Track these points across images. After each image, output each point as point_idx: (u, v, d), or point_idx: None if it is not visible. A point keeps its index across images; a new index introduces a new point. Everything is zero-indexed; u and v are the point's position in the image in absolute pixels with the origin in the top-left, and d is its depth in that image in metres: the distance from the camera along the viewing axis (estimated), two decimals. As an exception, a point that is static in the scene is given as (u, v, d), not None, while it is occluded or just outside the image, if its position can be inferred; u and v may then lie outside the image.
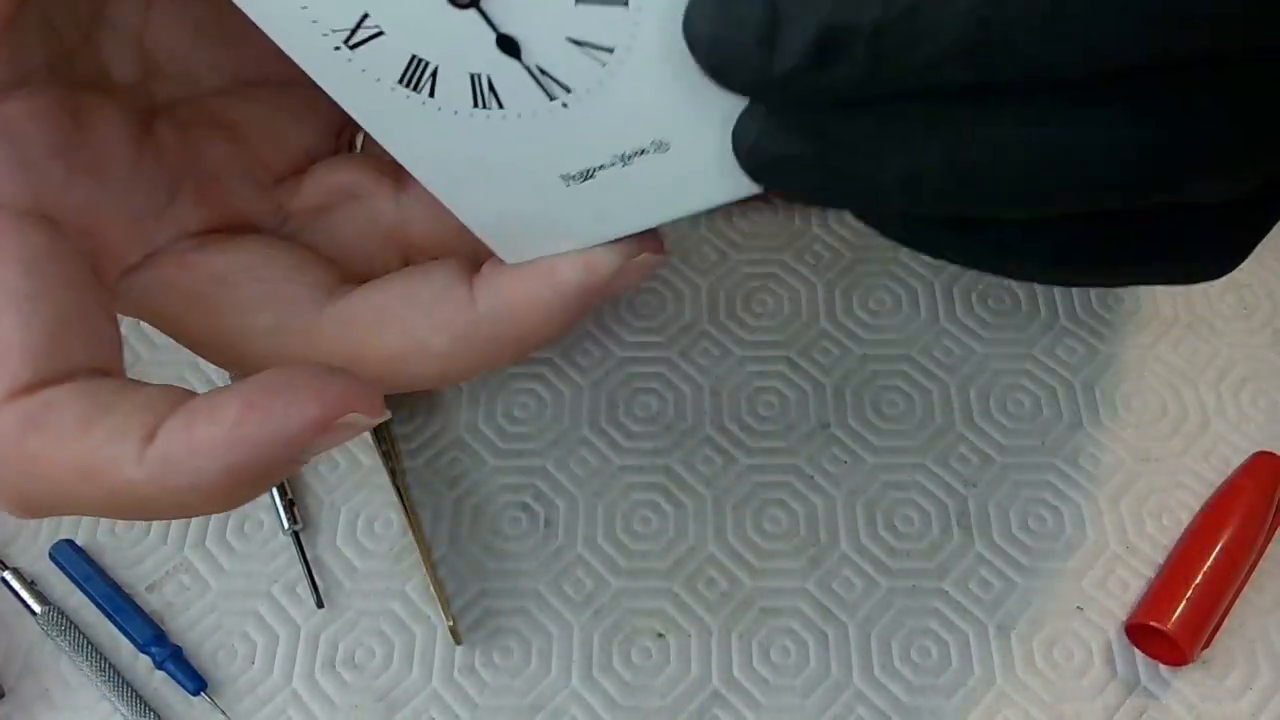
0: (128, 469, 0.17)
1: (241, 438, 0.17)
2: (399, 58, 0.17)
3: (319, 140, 0.25)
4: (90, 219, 0.20)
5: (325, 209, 0.24)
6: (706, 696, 0.26)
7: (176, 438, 0.17)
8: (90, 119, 0.20)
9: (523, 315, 0.22)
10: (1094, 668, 0.27)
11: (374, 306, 0.22)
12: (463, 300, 0.22)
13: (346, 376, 0.18)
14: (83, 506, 0.18)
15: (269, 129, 0.24)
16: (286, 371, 0.18)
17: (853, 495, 0.29)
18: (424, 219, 0.24)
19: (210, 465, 0.17)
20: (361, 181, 0.24)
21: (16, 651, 0.27)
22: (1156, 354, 0.31)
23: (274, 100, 0.24)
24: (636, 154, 0.19)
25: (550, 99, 0.18)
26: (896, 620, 0.27)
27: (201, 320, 0.22)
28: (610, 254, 0.21)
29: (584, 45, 0.17)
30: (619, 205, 0.20)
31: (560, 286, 0.21)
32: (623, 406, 0.30)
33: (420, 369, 0.22)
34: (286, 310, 0.22)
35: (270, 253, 0.23)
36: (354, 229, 0.24)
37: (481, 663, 0.27)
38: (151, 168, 0.21)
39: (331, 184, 0.24)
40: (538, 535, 0.28)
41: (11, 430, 0.17)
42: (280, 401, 0.17)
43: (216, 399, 0.18)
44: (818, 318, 0.32)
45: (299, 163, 0.25)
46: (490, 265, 0.23)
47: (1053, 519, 0.29)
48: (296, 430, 0.17)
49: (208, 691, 0.26)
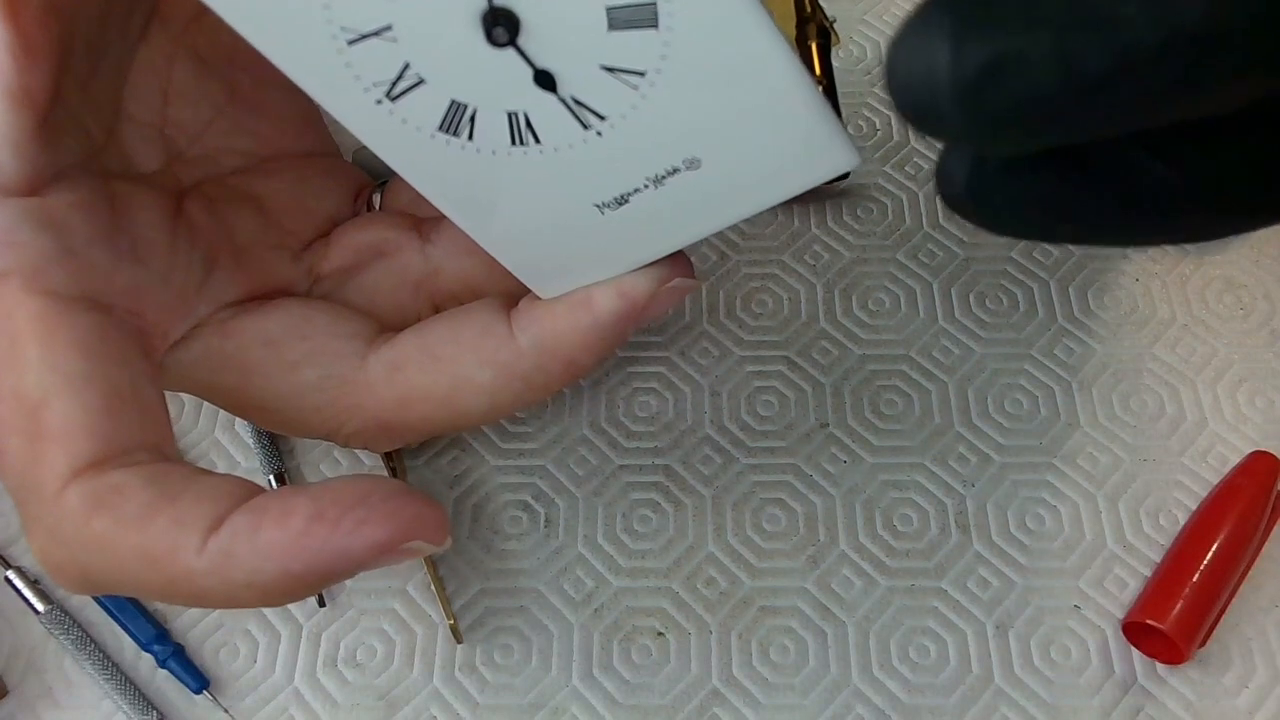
0: (189, 558, 0.17)
1: (305, 547, 0.17)
2: (439, 104, 0.17)
3: (339, 204, 0.26)
4: (136, 300, 0.20)
5: (355, 268, 0.24)
6: (706, 695, 0.26)
7: (242, 535, 0.17)
8: (127, 205, 0.21)
9: (564, 346, 0.22)
10: (1091, 666, 0.27)
11: (420, 349, 0.23)
12: (504, 335, 0.22)
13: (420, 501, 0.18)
14: (139, 589, 0.18)
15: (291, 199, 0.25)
16: (362, 484, 0.18)
17: (852, 495, 0.29)
18: (452, 267, 0.24)
19: (270, 567, 0.17)
20: (388, 238, 0.24)
21: (20, 650, 0.27)
22: (1154, 354, 0.31)
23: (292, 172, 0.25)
24: (669, 173, 0.19)
25: (585, 128, 0.18)
26: (895, 619, 0.27)
27: (249, 383, 0.22)
28: (644, 280, 0.22)
29: (616, 71, 0.17)
30: (651, 227, 0.20)
31: (598, 315, 0.22)
32: (622, 406, 0.30)
33: (469, 405, 0.23)
34: (331, 363, 0.23)
35: (307, 312, 0.23)
36: (385, 284, 0.24)
37: (482, 661, 0.27)
38: (187, 245, 0.22)
39: (359, 243, 0.24)
40: (538, 534, 0.29)
41: (78, 511, 0.17)
42: (350, 519, 0.17)
43: (288, 502, 0.18)
44: (817, 318, 0.32)
45: (323, 227, 0.25)
46: (528, 301, 0.23)
47: (1050, 518, 0.29)
48: (360, 551, 0.18)
49: (210, 690, 0.26)
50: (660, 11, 0.16)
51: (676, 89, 0.17)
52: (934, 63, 0.12)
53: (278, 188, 0.24)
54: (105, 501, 0.17)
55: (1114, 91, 0.11)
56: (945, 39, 0.12)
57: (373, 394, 0.23)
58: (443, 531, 0.18)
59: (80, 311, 0.19)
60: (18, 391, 0.18)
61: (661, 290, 0.22)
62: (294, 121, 0.26)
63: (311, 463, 0.30)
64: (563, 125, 0.18)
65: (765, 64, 0.17)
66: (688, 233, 0.20)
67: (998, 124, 0.12)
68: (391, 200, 0.26)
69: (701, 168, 0.19)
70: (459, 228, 0.20)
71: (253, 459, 0.30)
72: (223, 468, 0.30)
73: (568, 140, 0.18)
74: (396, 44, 0.16)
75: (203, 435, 0.30)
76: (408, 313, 0.25)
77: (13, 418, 0.18)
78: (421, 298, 0.25)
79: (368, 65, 0.17)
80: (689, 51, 0.16)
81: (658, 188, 0.19)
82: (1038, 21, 0.11)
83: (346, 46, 0.16)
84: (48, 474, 0.17)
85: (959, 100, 0.12)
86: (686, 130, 0.18)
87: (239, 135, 0.24)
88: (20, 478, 0.18)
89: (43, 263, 0.19)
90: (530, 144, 0.18)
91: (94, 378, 0.18)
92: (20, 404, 0.18)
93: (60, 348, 0.18)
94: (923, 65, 0.12)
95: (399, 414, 0.23)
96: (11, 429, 0.18)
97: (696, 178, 0.19)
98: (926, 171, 0.35)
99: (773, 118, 0.18)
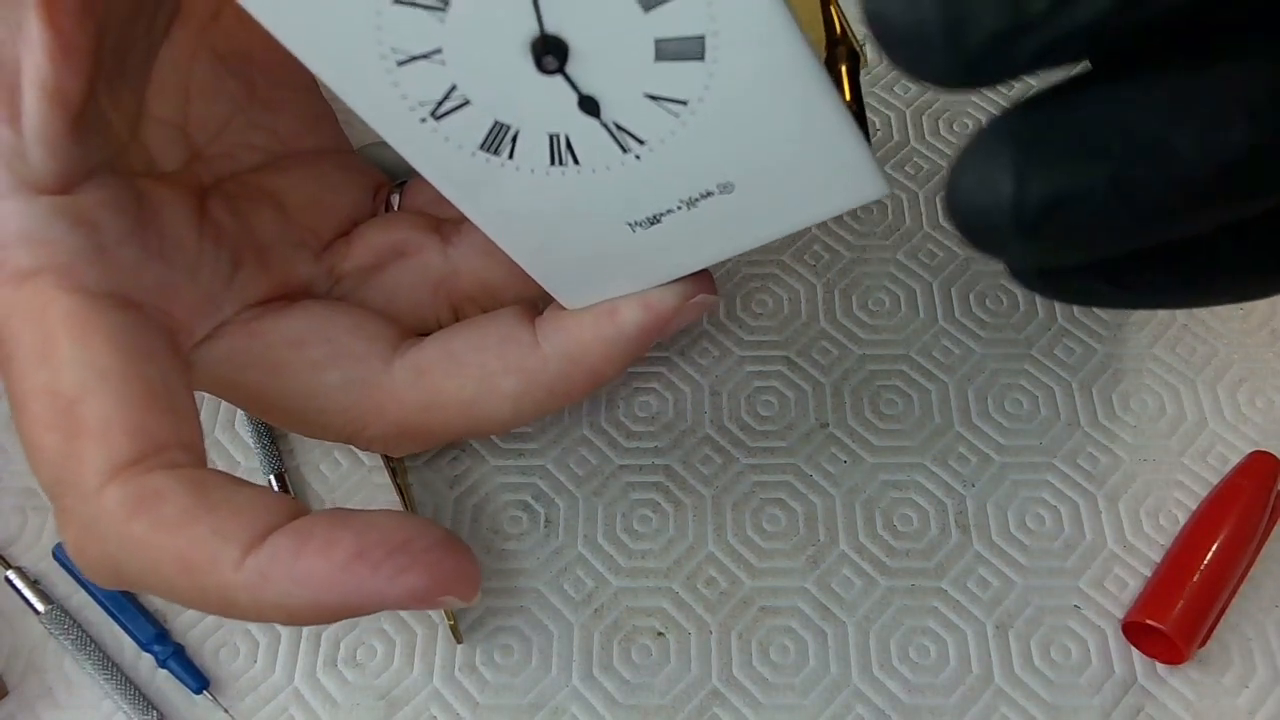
0: (226, 571, 0.17)
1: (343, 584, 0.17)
2: (482, 124, 0.18)
3: (358, 202, 0.26)
4: (165, 298, 0.20)
5: (376, 268, 0.25)
6: (706, 694, 0.26)
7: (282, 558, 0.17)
8: (154, 204, 0.21)
9: (587, 355, 0.22)
10: (1091, 666, 0.27)
11: (445, 354, 0.23)
12: (530, 344, 0.23)
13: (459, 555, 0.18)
14: (168, 592, 0.18)
15: (310, 197, 0.25)
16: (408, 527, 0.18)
17: (852, 495, 0.29)
18: (471, 269, 0.24)
19: (304, 594, 0.17)
20: (410, 239, 0.25)
21: (20, 650, 0.27)
22: (1154, 354, 0.31)
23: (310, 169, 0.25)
24: (703, 196, 0.19)
25: (624, 152, 0.18)
26: (895, 619, 0.27)
27: (273, 383, 0.22)
28: (669, 295, 0.22)
29: (660, 100, 0.17)
30: (680, 246, 0.21)
31: (622, 327, 0.22)
32: (622, 406, 0.30)
33: (493, 410, 0.23)
34: (355, 366, 0.23)
35: (331, 314, 0.23)
36: (405, 284, 0.25)
37: (482, 661, 0.27)
38: (213, 244, 0.22)
39: (381, 243, 0.25)
40: (538, 534, 0.29)
41: (117, 511, 0.17)
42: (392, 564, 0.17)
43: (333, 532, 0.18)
44: (817, 318, 0.32)
45: (343, 226, 0.25)
46: (552, 310, 0.23)
47: (1051, 518, 0.29)
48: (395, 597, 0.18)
49: (210, 690, 0.26)
50: (707, 45, 0.16)
51: (716, 117, 0.17)
52: (998, 197, 0.12)
53: (297, 185, 0.25)
54: (145, 504, 0.17)
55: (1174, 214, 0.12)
56: (1008, 174, 0.12)
57: (397, 398, 0.23)
58: (475, 588, 0.19)
59: (112, 309, 0.19)
60: (52, 388, 0.18)
61: (686, 305, 0.22)
62: (309, 119, 0.26)
63: (311, 463, 0.30)
64: (602, 148, 0.18)
65: (806, 97, 0.17)
66: (716, 252, 0.21)
67: (1059, 248, 0.13)
68: (411, 200, 0.27)
69: (734, 191, 0.19)
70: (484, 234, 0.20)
71: (253, 459, 0.30)
72: (223, 468, 0.30)
73: (606, 162, 0.18)
74: (445, 66, 0.16)
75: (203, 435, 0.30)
76: (426, 314, 0.25)
77: (47, 414, 0.18)
78: (440, 298, 0.25)
79: (415, 85, 0.17)
80: (732, 83, 0.17)
81: (690, 209, 0.19)
82: (1094, 155, 0.12)
83: (396, 67, 0.17)
84: (87, 471, 0.18)
85: (1022, 232, 0.12)
86: (723, 156, 0.18)
87: (257, 132, 0.24)
88: (57, 473, 0.18)
89: (74, 260, 0.19)
90: (569, 164, 0.18)
91: (129, 375, 0.18)
92: (55, 400, 0.18)
93: (94, 344, 0.18)
94: (987, 199, 0.12)
95: (422, 419, 0.23)
96: (47, 425, 0.18)
97: (729, 200, 0.19)
98: (926, 171, 0.35)
99: (807, 147, 0.18)
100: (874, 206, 0.34)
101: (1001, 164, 0.12)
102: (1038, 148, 0.12)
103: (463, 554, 0.18)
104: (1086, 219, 0.12)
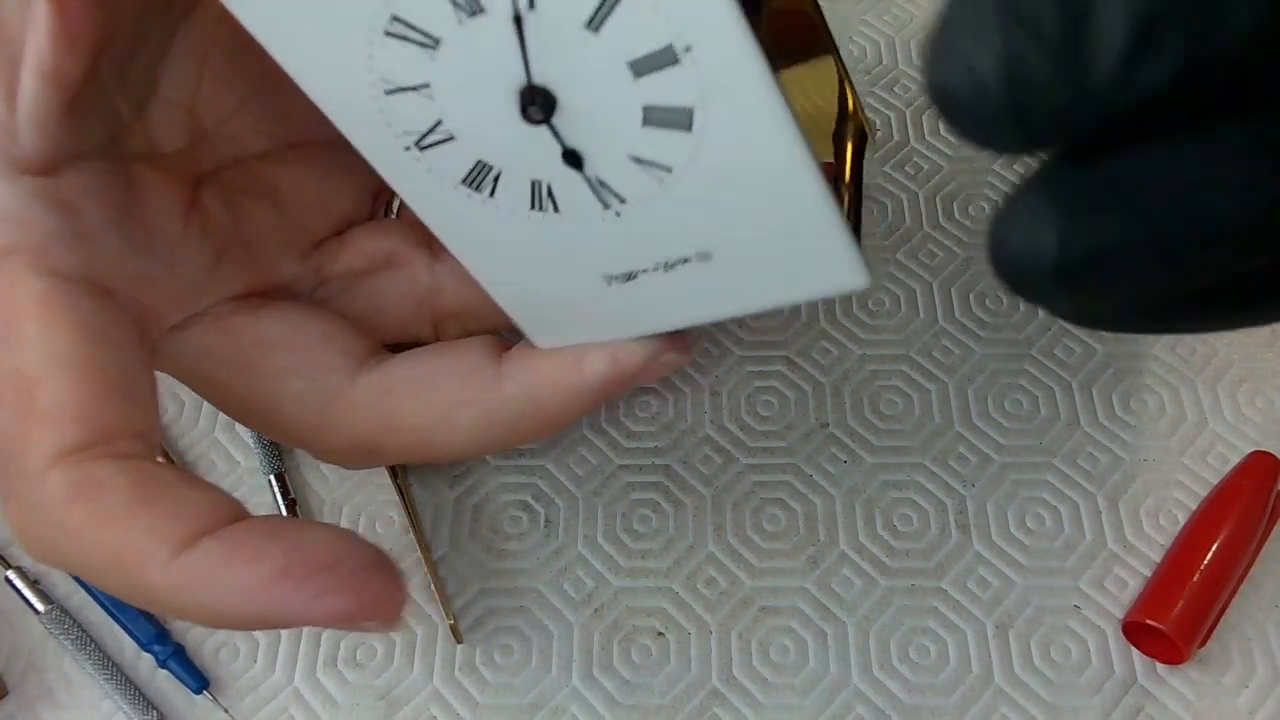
0: (153, 571, 0.17)
1: (265, 598, 0.17)
2: (465, 161, 0.18)
3: (357, 203, 0.26)
4: (140, 286, 0.20)
5: (363, 274, 0.25)
6: (706, 695, 0.26)
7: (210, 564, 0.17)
8: (142, 191, 0.21)
9: (547, 400, 0.22)
10: (1091, 666, 0.27)
11: (410, 378, 0.23)
12: (492, 378, 0.23)
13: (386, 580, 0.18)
14: (99, 582, 0.18)
15: (310, 193, 0.25)
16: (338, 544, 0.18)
17: (852, 495, 0.29)
18: (457, 287, 0.24)
19: (228, 601, 0.17)
20: (400, 250, 0.25)
21: (20, 650, 0.27)
22: (1154, 354, 0.31)
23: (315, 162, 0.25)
24: (680, 261, 0.19)
25: (605, 207, 0.18)
26: (895, 619, 0.27)
27: (236, 382, 0.22)
28: (638, 350, 0.22)
29: (645, 163, 0.17)
30: (655, 305, 0.20)
31: (587, 377, 0.22)
32: (623, 406, 0.30)
33: (447, 440, 0.23)
34: (318, 377, 0.23)
35: (304, 320, 0.23)
36: (390, 294, 0.25)
37: (482, 661, 0.27)
38: (199, 236, 0.22)
39: (372, 250, 0.25)
40: (538, 534, 0.29)
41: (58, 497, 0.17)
42: (314, 584, 0.17)
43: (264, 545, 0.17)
44: (817, 318, 0.32)
45: (339, 225, 0.25)
46: (520, 348, 0.23)
47: (1050, 518, 0.29)
48: (314, 617, 0.17)
49: (210, 690, 0.26)
50: (695, 118, 0.16)
51: (700, 187, 0.17)
52: (1040, 254, 0.13)
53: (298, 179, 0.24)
54: (85, 492, 0.17)
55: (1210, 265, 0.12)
56: (1050, 229, 0.12)
57: (355, 415, 0.23)
58: (398, 617, 0.18)
59: (81, 294, 0.19)
60: (14, 368, 0.18)
61: (654, 362, 0.22)
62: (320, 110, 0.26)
63: (312, 463, 0.30)
64: (583, 200, 0.18)
65: (791, 180, 0.17)
66: (688, 317, 0.21)
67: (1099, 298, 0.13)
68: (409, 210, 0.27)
69: (712, 261, 0.19)
70: None
71: (252, 459, 0.30)
72: (223, 468, 0.30)
73: (585, 215, 0.18)
74: (432, 101, 0.17)
75: (203, 435, 0.30)
76: (407, 326, 0.25)
77: (8, 393, 0.18)
78: (423, 313, 0.25)
79: (401, 115, 0.17)
80: (718, 156, 0.16)
81: (667, 271, 0.19)
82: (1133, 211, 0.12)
83: (384, 96, 0.17)
84: (34, 453, 0.18)
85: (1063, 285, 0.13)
86: (703, 225, 0.18)
87: (268, 118, 0.24)
88: (5, 451, 0.18)
89: (48, 242, 0.19)
90: (549, 211, 0.18)
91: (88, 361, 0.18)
92: (17, 380, 0.18)
93: (58, 329, 0.18)
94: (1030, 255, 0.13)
95: (378, 438, 0.23)
96: (3, 403, 0.18)
97: (706, 269, 0.19)
98: (926, 171, 0.35)
99: (789, 229, 0.18)
100: (874, 207, 0.34)
101: (1045, 221, 0.13)
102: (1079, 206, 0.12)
103: (390, 579, 0.18)
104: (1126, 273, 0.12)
